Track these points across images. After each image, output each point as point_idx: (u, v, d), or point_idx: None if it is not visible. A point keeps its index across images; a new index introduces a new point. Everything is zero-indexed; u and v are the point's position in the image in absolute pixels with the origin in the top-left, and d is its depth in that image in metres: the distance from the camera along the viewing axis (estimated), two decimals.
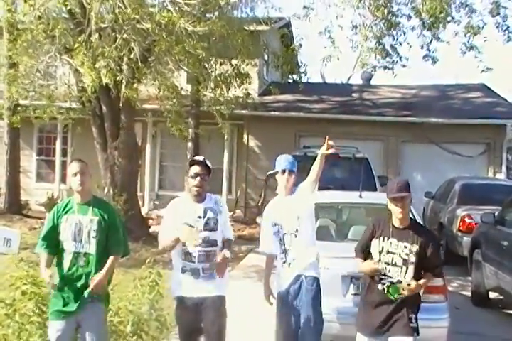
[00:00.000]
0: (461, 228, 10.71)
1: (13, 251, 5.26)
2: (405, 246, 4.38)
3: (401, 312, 4.44)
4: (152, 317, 5.93)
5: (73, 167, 4.59)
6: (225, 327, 4.65)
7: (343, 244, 6.08)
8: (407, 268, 4.39)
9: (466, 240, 10.03)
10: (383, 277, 4.46)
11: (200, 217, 4.65)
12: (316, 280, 5.01)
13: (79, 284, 4.49)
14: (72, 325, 4.51)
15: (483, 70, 15.23)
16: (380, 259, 4.46)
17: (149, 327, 5.92)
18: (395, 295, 4.40)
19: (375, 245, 4.51)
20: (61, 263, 4.53)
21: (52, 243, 4.54)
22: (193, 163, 4.76)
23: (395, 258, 4.41)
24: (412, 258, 4.37)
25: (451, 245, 11.09)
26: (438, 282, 5.55)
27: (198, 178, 4.66)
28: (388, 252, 4.43)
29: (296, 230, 5.05)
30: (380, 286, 4.47)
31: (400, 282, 4.39)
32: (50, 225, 4.56)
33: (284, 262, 5.06)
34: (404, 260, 4.38)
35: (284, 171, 5.16)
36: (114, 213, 4.76)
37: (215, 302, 4.59)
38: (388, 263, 4.43)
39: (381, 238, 4.48)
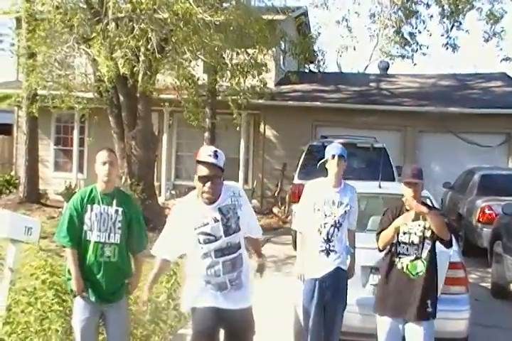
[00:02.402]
0: (480, 219, 10.59)
1: (33, 240, 5.26)
2: (419, 225, 4.68)
3: (418, 297, 4.64)
4: (170, 306, 5.96)
5: (102, 156, 4.47)
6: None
7: (362, 234, 6.03)
8: (423, 245, 4.69)
9: (486, 231, 9.93)
10: (402, 256, 4.73)
11: (217, 221, 3.88)
12: (346, 272, 5.26)
13: (107, 274, 4.43)
14: (97, 313, 4.49)
15: (502, 59, 15.08)
16: (398, 240, 4.74)
17: (167, 316, 5.96)
18: (414, 273, 4.67)
19: None
20: (85, 253, 4.43)
21: (76, 234, 4.43)
22: (198, 161, 3.84)
23: (412, 237, 4.70)
24: (428, 233, 4.67)
25: (470, 236, 11.00)
26: (459, 274, 5.54)
27: (209, 184, 3.80)
28: (405, 233, 4.72)
29: (341, 225, 5.22)
30: (399, 265, 4.72)
31: (417, 258, 4.67)
32: (74, 214, 4.44)
33: (323, 250, 5.18)
34: (420, 237, 4.67)
35: (333, 156, 5.20)
36: (136, 206, 4.72)
37: (243, 316, 4.04)
38: (406, 243, 4.71)
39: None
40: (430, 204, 5.13)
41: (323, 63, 16.88)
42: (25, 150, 15.77)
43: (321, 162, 5.39)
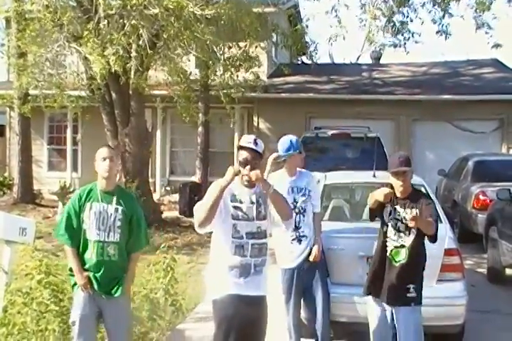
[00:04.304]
0: (475, 205, 10.62)
1: (28, 241, 5.26)
2: (407, 213, 4.56)
3: (396, 283, 4.58)
4: (168, 302, 5.97)
5: (103, 152, 4.49)
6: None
7: (357, 224, 6.05)
8: (409, 233, 4.59)
9: (481, 217, 9.96)
10: (389, 240, 4.66)
11: (253, 203, 4.07)
12: (323, 253, 5.51)
13: (106, 273, 4.42)
14: (96, 309, 4.46)
15: (493, 46, 15.09)
16: (386, 222, 4.68)
17: (165, 312, 5.97)
18: (396, 259, 4.61)
19: (386, 208, 4.71)
20: (85, 252, 4.42)
21: (75, 232, 4.42)
22: (240, 147, 4.08)
23: (399, 224, 4.61)
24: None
25: (465, 222, 11.04)
26: (455, 260, 5.56)
27: (248, 167, 3.95)
28: (394, 218, 4.64)
29: (305, 210, 5.47)
30: (386, 248, 4.68)
31: (402, 246, 4.59)
32: (72, 213, 4.43)
33: (294, 239, 5.44)
34: (407, 226, 4.53)
35: (288, 156, 5.50)
36: (137, 205, 4.70)
37: (262, 303, 4.12)
38: (393, 228, 4.63)
39: (390, 203, 4.67)
40: (424, 192, 5.09)
41: (316, 54, 16.78)
42: (19, 150, 15.71)
43: (275, 157, 5.69)
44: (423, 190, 6.52)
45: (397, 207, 4.63)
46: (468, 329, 5.69)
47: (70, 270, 4.50)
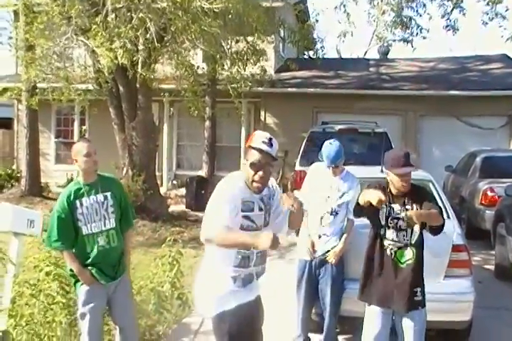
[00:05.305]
0: (483, 201, 10.58)
1: (36, 233, 5.28)
2: (407, 209, 4.35)
3: (407, 287, 4.38)
4: (174, 295, 5.98)
5: (83, 148, 4.49)
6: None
7: (364, 219, 6.02)
8: (412, 230, 4.40)
9: (489, 214, 9.94)
10: (391, 242, 4.43)
11: (261, 210, 3.67)
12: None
13: (110, 260, 4.53)
14: (104, 299, 4.57)
15: (508, 38, 14.96)
16: (387, 224, 4.44)
17: (171, 306, 5.99)
18: (402, 261, 4.42)
19: (382, 209, 4.43)
20: (87, 247, 4.47)
21: (69, 235, 4.45)
22: (251, 147, 3.58)
23: (399, 222, 4.40)
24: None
25: (473, 219, 11.00)
26: (463, 256, 5.54)
27: (261, 173, 3.54)
28: (393, 218, 4.42)
29: (337, 213, 5.44)
30: (388, 251, 4.45)
31: (406, 246, 4.41)
32: (63, 216, 4.42)
33: (315, 233, 5.47)
34: (408, 222, 4.31)
35: (331, 167, 5.42)
36: (121, 185, 4.87)
37: (259, 303, 3.90)
38: (395, 228, 4.42)
39: (386, 203, 4.40)
40: (420, 186, 4.90)
41: (322, 50, 16.76)
42: (26, 143, 15.75)
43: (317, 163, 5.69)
44: (430, 185, 6.52)
45: (396, 206, 4.40)
46: (475, 326, 5.68)
47: (71, 270, 4.57)
